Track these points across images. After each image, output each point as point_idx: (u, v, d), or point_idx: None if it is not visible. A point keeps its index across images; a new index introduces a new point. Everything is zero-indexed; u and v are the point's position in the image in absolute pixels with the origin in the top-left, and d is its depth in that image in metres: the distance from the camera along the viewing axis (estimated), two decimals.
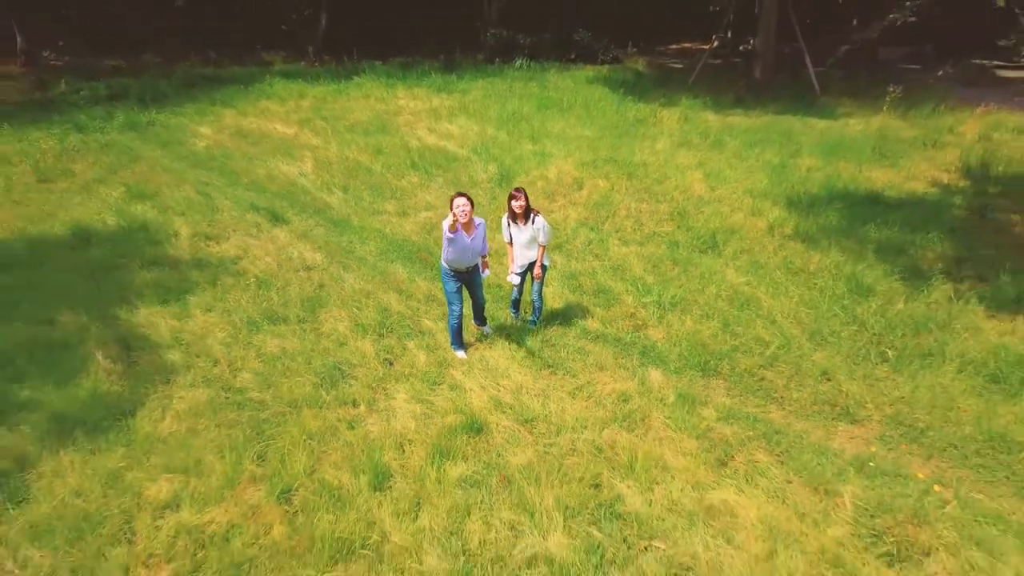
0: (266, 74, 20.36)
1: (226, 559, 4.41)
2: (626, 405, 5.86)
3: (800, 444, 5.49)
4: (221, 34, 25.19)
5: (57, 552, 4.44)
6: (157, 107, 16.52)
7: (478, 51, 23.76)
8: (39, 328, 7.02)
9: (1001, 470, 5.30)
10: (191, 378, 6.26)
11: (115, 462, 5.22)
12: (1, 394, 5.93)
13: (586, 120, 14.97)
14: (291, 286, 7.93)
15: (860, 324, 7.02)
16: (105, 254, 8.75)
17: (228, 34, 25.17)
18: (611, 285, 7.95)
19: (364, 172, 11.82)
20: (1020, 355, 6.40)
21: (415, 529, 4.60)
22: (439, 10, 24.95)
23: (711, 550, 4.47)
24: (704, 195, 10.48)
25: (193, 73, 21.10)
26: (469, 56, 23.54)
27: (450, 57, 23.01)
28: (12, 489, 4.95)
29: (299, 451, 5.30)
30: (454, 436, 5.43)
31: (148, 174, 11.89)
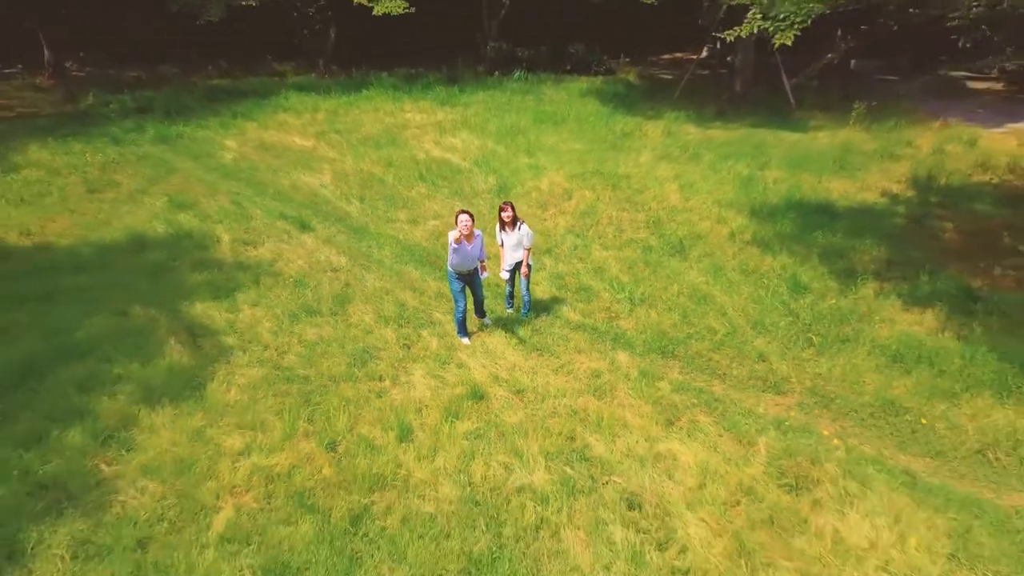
0: (280, 87, 21.85)
1: (291, 489, 5.92)
2: (598, 380, 7.37)
3: (733, 409, 7.01)
4: (234, 46, 26.63)
5: (164, 483, 5.95)
6: (183, 120, 17.99)
7: (479, 63, 25.22)
8: (117, 319, 8.53)
9: (888, 428, 6.82)
10: (247, 359, 7.77)
11: (196, 422, 6.73)
12: (98, 370, 7.44)
13: (577, 133, 16.48)
14: (322, 285, 9.45)
15: (795, 316, 8.53)
16: (160, 257, 10.26)
17: (241, 46, 26.61)
18: (591, 284, 9.47)
19: (378, 183, 13.34)
20: (920, 340, 7.92)
21: (432, 468, 6.11)
22: (442, 23, 26.38)
23: (656, 483, 5.98)
24: (678, 205, 11.99)
25: (212, 86, 22.60)
26: (470, 67, 24.99)
27: (453, 69, 24.50)
28: (122, 440, 6.46)
29: (340, 414, 6.81)
30: (461, 402, 6.94)
31: (185, 185, 13.40)
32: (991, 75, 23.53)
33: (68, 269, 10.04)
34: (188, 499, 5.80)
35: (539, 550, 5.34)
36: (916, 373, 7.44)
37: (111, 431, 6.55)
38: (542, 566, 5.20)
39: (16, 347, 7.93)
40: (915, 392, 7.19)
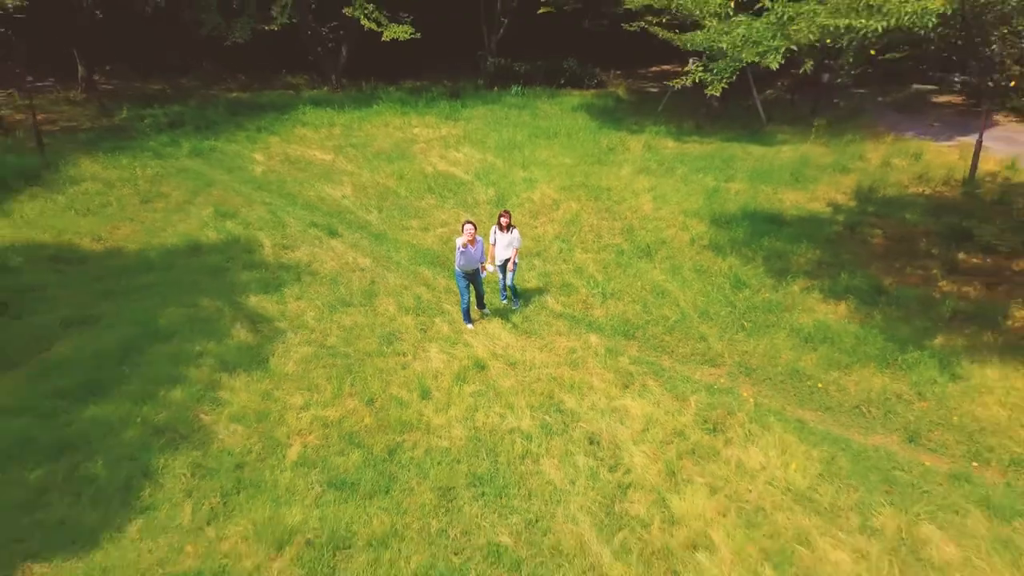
0: (297, 101, 24.03)
1: (342, 432, 8.12)
2: (573, 355, 9.57)
3: (675, 377, 9.21)
4: (252, 61, 28.80)
5: (249, 428, 8.15)
6: (212, 135, 20.18)
7: (479, 76, 27.40)
8: (188, 309, 10.72)
9: (793, 391, 9.02)
10: (297, 340, 9.97)
11: (266, 386, 8.92)
12: (182, 349, 9.63)
13: (568, 148, 18.67)
14: (352, 282, 11.64)
15: (733, 306, 10.74)
16: (215, 260, 12.46)
17: (258, 60, 28.78)
18: (572, 281, 11.67)
19: (392, 195, 15.54)
20: (829, 325, 10.12)
21: (446, 417, 8.31)
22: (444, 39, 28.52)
23: (611, 427, 8.17)
24: (650, 214, 14.19)
25: (233, 99, 24.78)
26: (471, 81, 27.19)
27: (455, 82, 26.69)
28: (211, 398, 8.65)
29: (374, 379, 9.01)
30: (467, 371, 9.14)
31: (225, 196, 15.59)
32: (955, 89, 25.67)
33: (139, 270, 12.24)
34: (267, 438, 8.00)
35: (524, 471, 7.54)
36: (820, 350, 9.65)
37: (202, 392, 8.75)
38: (526, 481, 7.40)
39: (113, 332, 10.13)
40: (817, 364, 9.39)
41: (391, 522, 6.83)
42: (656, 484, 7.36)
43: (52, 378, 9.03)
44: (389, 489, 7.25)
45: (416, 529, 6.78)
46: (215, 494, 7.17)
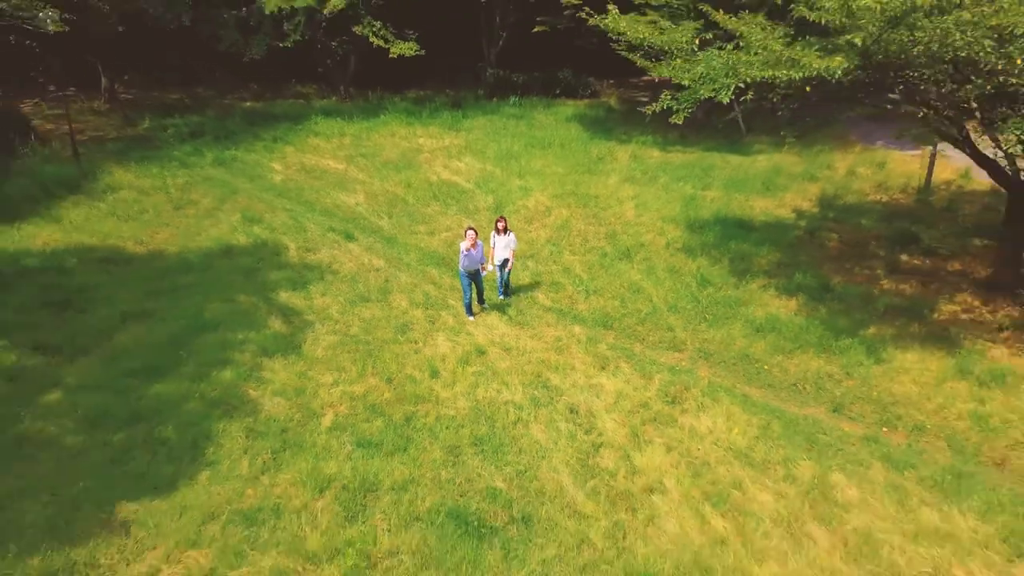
0: (308, 111, 25.78)
1: (366, 404, 9.91)
2: (559, 342, 11.37)
3: (644, 360, 11.01)
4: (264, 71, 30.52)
5: (289, 401, 9.94)
6: (232, 144, 21.95)
7: (479, 86, 29.17)
8: (229, 304, 12.52)
9: (742, 371, 10.83)
10: (324, 330, 11.76)
11: (300, 368, 10.72)
12: (227, 337, 11.42)
13: (561, 157, 20.45)
14: (368, 280, 13.44)
15: (697, 302, 12.54)
16: (247, 261, 14.25)
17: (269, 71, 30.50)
18: (560, 280, 13.47)
19: (401, 203, 17.35)
20: (778, 317, 11.92)
21: (452, 392, 10.11)
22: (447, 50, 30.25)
23: (588, 400, 9.97)
24: (632, 220, 15.99)
25: (248, 109, 26.54)
26: (472, 91, 28.95)
27: (457, 92, 28.46)
28: (256, 377, 10.44)
29: (392, 362, 10.81)
30: (469, 355, 10.94)
31: (249, 203, 17.38)
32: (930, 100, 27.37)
33: (180, 270, 14.03)
34: (305, 409, 9.80)
35: (516, 434, 9.33)
36: (769, 338, 11.45)
37: (248, 372, 10.54)
38: (517, 441, 9.20)
39: (164, 324, 11.93)
40: (765, 350, 11.20)
41: (409, 472, 8.63)
42: (622, 444, 9.16)
43: (120, 362, 10.84)
44: (407, 448, 9.05)
45: (429, 478, 8.58)
46: (266, 451, 8.98)
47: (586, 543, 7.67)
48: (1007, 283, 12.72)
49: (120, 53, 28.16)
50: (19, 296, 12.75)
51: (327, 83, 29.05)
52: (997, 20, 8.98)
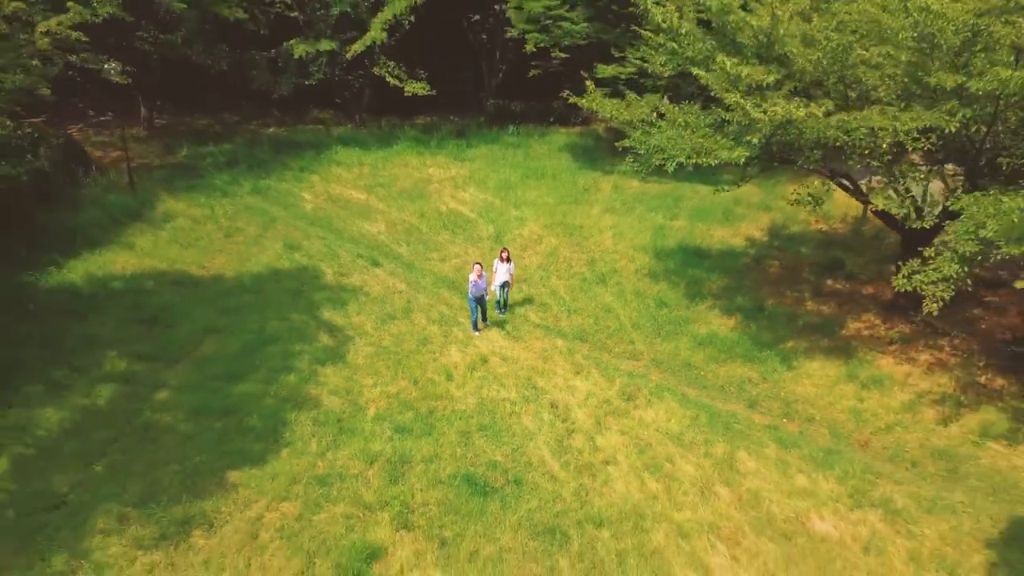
0: (328, 139, 29.15)
1: (399, 400, 13.38)
2: (545, 353, 14.87)
3: (610, 367, 14.51)
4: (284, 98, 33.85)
5: (342, 398, 13.43)
6: (264, 173, 25.33)
7: (481, 114, 32.57)
8: (284, 321, 15.99)
9: (685, 376, 14.33)
10: (362, 343, 15.24)
11: (347, 373, 14.20)
12: (287, 349, 14.89)
13: (552, 188, 23.89)
14: (394, 301, 16.91)
15: (655, 320, 16.03)
16: (293, 284, 17.72)
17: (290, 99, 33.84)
18: (547, 301, 16.96)
19: (416, 231, 20.82)
20: (717, 333, 15.41)
21: (463, 392, 13.61)
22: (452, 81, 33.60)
23: (565, 397, 13.47)
24: (609, 248, 19.47)
25: (272, 136, 29.92)
26: (475, 118, 32.35)
27: (462, 119, 31.85)
28: (313, 380, 13.91)
29: (416, 368, 14.30)
30: (475, 363, 14.43)
31: (288, 231, 20.83)
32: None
33: (238, 292, 17.49)
34: (353, 404, 13.29)
35: (511, 422, 12.82)
36: (707, 350, 14.94)
37: (307, 376, 14.02)
38: (511, 428, 12.69)
39: (236, 338, 15.39)
40: (703, 359, 14.69)
41: (433, 450, 12.12)
42: (589, 430, 12.65)
43: (207, 368, 14.32)
44: (431, 432, 12.54)
45: (448, 453, 12.07)
46: (328, 435, 12.46)
47: (559, 498, 11.17)
48: (904, 305, 16.20)
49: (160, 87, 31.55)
50: (114, 314, 16.20)
51: (343, 111, 32.41)
52: (869, 122, 12.45)
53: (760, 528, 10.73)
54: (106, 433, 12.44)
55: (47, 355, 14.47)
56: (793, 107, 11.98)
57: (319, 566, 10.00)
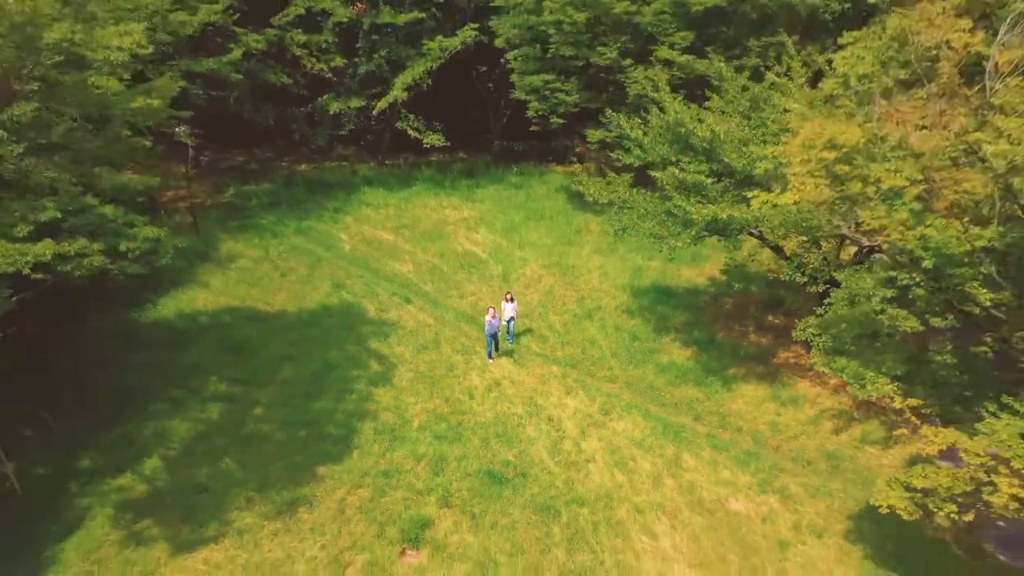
0: (356, 180, 33.90)
1: (436, 414, 18.32)
2: (543, 378, 19.83)
3: (592, 388, 19.47)
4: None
5: (393, 412, 18.36)
6: (304, 214, 30.11)
7: (487, 152, 37.40)
8: (341, 351, 20.92)
9: (650, 396, 19.29)
10: (404, 369, 20.17)
11: (394, 394, 19.12)
12: (347, 374, 19.79)
13: (550, 229, 28.76)
14: (425, 334, 21.83)
15: (629, 351, 21.00)
16: (343, 319, 22.62)
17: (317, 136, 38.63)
18: (546, 334, 21.91)
19: (438, 271, 25.74)
20: (676, 362, 20.37)
21: (482, 408, 18.56)
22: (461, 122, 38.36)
23: (558, 411, 18.43)
24: (596, 286, 24.40)
25: (304, 175, 34.72)
26: (482, 157, 37.18)
27: (470, 157, 36.67)
28: (372, 399, 18.84)
29: (446, 389, 19.24)
30: (491, 386, 19.39)
31: (332, 271, 25.71)
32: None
33: (301, 326, 22.38)
34: (402, 417, 18.24)
35: (518, 431, 17.78)
36: (667, 376, 19.90)
37: (366, 396, 18.95)
38: (518, 434, 17.64)
39: (306, 365, 20.31)
40: (664, 383, 19.65)
41: (462, 452, 17.07)
42: (575, 437, 17.61)
43: (288, 389, 19.24)
44: (460, 439, 17.49)
45: (473, 454, 17.01)
46: (385, 441, 17.41)
47: (553, 486, 16.13)
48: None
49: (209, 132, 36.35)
50: (207, 345, 21.10)
51: (366, 150, 37.26)
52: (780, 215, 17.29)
53: (693, 507, 15.70)
54: (223, 440, 17.39)
55: (163, 379, 19.40)
56: (719, 208, 16.89)
57: (388, 532, 14.95)
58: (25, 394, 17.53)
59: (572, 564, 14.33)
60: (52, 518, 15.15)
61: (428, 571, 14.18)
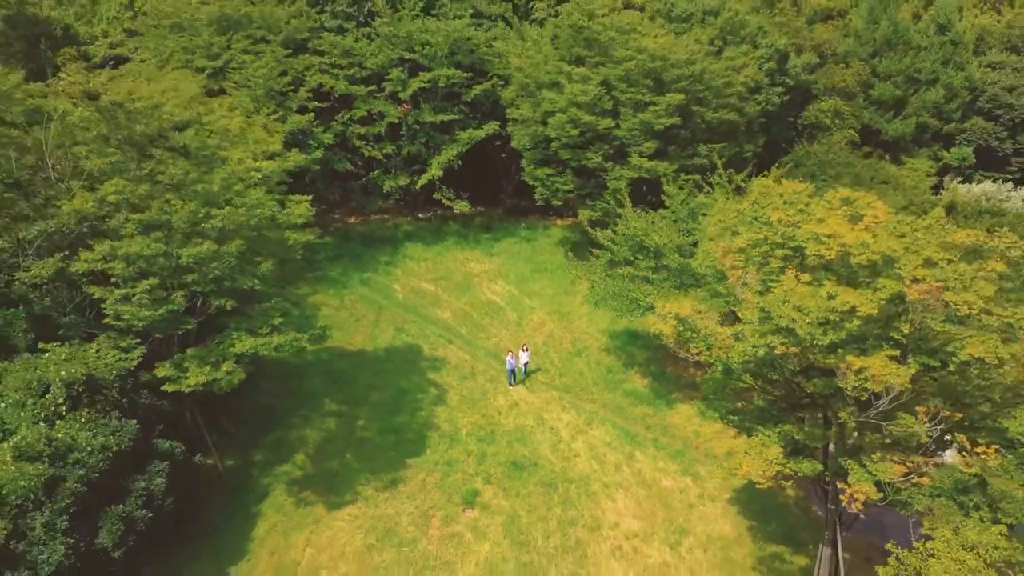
0: (397, 234, 44.44)
1: (476, 424, 29.07)
2: (547, 401, 30.60)
3: (581, 408, 30.23)
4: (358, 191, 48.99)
5: (449, 424, 29.12)
6: (362, 266, 40.65)
7: (500, 207, 47.86)
8: (410, 381, 31.62)
9: (617, 413, 30.10)
10: (452, 394, 30.89)
11: (448, 411, 29.85)
12: (416, 397, 30.49)
13: (552, 279, 39.40)
14: (464, 367, 32.53)
15: (607, 380, 31.75)
16: (408, 356, 33.30)
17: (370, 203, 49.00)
18: (548, 368, 32.67)
19: (471, 318, 36.42)
20: (637, 389, 31.13)
21: (507, 421, 29.34)
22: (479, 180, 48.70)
23: (556, 423, 29.20)
24: (584, 330, 35.11)
25: (354, 229, 45.22)
26: (496, 211, 47.64)
27: (487, 211, 47.17)
28: (434, 416, 29.57)
29: (482, 408, 29.99)
30: (512, 406, 30.16)
31: (393, 317, 36.36)
32: None
33: (377, 361, 33.07)
34: (455, 427, 29.00)
35: (531, 435, 28.55)
36: (630, 399, 30.67)
37: (430, 414, 29.68)
38: (531, 439, 28.42)
39: (386, 392, 31.05)
40: (629, 404, 30.42)
41: (495, 450, 27.85)
42: (568, 440, 28.40)
43: (377, 409, 30.00)
44: (494, 441, 28.27)
45: (502, 451, 27.79)
46: (446, 443, 28.21)
47: (553, 472, 26.95)
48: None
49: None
50: (316, 376, 31.77)
51: (404, 206, 47.68)
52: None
53: (639, 484, 26.47)
54: (341, 443, 28.15)
55: (293, 400, 30.14)
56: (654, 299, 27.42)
57: (453, 498, 25.73)
58: (211, 408, 28.30)
59: (564, 517, 25.10)
60: (248, 491, 25.92)
61: (480, 521, 24.94)
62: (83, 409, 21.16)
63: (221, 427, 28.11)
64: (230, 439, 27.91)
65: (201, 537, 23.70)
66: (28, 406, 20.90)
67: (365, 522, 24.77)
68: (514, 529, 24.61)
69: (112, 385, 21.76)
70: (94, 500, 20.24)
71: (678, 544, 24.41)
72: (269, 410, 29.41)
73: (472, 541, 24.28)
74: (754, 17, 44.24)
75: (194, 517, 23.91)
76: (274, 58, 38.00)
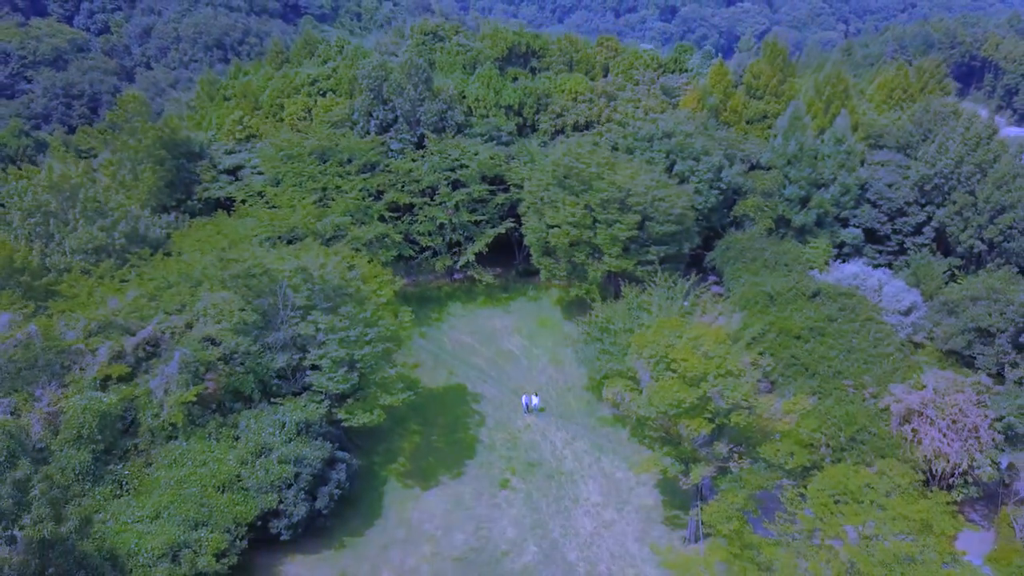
0: (440, 295, 66.26)
1: (509, 439, 51.41)
2: (548, 423, 52.94)
3: (568, 427, 52.59)
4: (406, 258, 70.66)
5: (492, 441, 51.46)
6: (417, 323, 62.49)
7: (512, 269, 69.54)
8: (461, 410, 53.83)
9: (593, 431, 52.51)
10: (490, 419, 53.29)
11: (488, 430, 52.26)
12: (466, 422, 52.77)
13: (551, 335, 61.54)
14: (496, 400, 54.76)
15: (587, 409, 54.15)
16: (458, 393, 55.51)
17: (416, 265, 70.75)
18: (549, 401, 54.99)
19: (497, 363, 58.67)
20: (605, 416, 53.47)
21: (524, 436, 51.80)
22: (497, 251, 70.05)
23: (554, 437, 51.58)
24: (572, 373, 57.52)
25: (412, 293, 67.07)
26: (509, 271, 69.33)
27: (504, 272, 68.95)
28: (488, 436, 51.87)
29: (509, 428, 52.42)
30: (527, 427, 52.60)
31: (445, 362, 58.46)
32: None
33: (440, 397, 55.35)
34: (493, 440, 51.47)
35: (539, 446, 50.97)
36: (601, 422, 53.04)
37: (478, 432, 51.97)
38: (539, 448, 50.80)
39: (448, 417, 53.39)
40: (598, 425, 52.86)
41: (517, 455, 50.45)
42: (562, 447, 50.96)
43: (445, 428, 52.60)
44: (515, 448, 50.74)
45: (521, 456, 50.36)
46: (487, 450, 50.64)
47: (553, 468, 49.49)
48: None
49: None
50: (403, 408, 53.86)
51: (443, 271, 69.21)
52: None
53: (602, 476, 49.04)
54: (424, 450, 50.96)
55: (391, 423, 52.46)
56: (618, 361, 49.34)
57: (493, 483, 48.32)
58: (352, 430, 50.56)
59: (559, 495, 47.54)
60: (375, 478, 48.30)
61: (509, 496, 47.38)
62: (303, 435, 43.40)
63: (356, 443, 50.37)
64: (354, 448, 50.17)
65: (355, 505, 46.09)
66: (277, 434, 43.16)
67: (444, 497, 47.09)
68: (529, 501, 46.95)
69: (317, 422, 43.98)
70: (313, 484, 42.59)
71: (622, 509, 46.79)
72: (380, 430, 51.60)
73: (505, 507, 46.65)
74: (699, 138, 65.74)
75: (352, 495, 46.33)
76: (361, 180, 59.76)
